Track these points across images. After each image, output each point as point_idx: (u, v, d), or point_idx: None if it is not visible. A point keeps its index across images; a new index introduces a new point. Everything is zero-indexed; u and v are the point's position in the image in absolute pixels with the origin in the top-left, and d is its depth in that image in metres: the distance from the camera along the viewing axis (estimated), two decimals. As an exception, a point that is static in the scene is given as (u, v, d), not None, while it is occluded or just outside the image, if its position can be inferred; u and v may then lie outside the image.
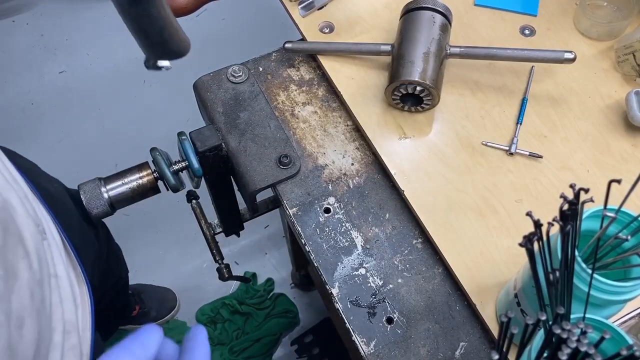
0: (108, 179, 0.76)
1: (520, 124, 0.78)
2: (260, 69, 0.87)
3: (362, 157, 0.79)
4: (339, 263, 0.71)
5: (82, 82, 1.94)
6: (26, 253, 0.50)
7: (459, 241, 0.70)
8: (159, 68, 0.56)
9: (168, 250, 1.65)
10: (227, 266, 0.92)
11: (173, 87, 1.90)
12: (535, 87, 0.82)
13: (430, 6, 0.79)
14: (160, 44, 0.53)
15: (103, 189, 0.75)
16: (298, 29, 0.89)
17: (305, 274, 1.49)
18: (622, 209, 0.50)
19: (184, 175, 0.80)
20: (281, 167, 0.76)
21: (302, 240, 0.72)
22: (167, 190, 0.79)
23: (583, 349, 0.41)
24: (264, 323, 1.48)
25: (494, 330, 0.65)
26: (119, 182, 0.76)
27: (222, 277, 0.92)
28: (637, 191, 0.47)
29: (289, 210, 0.74)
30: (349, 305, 0.68)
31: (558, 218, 0.46)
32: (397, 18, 0.83)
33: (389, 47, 0.81)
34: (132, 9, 0.49)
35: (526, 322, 0.42)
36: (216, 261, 0.92)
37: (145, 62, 0.56)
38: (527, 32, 0.87)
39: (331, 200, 0.75)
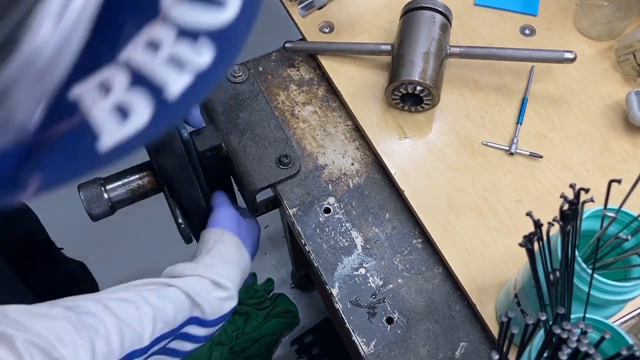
0: (108, 179, 0.76)
1: (520, 124, 0.78)
2: (260, 69, 0.87)
3: (362, 157, 0.79)
4: (339, 263, 0.71)
5: (82, 82, 1.94)
6: None
7: (459, 241, 0.70)
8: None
9: (168, 250, 1.64)
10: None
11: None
12: (535, 87, 0.82)
13: (430, 6, 0.79)
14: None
15: (103, 189, 0.75)
16: (298, 29, 0.89)
17: (305, 274, 1.49)
18: (622, 209, 0.50)
19: None
20: (281, 167, 0.76)
21: (302, 240, 0.72)
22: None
23: (583, 349, 0.41)
24: (263, 323, 1.48)
25: (494, 330, 0.65)
26: (119, 183, 0.76)
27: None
28: (637, 191, 0.47)
29: (289, 210, 0.74)
30: (349, 305, 0.68)
31: (558, 218, 0.46)
32: (397, 18, 0.83)
33: (389, 47, 0.81)
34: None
35: (526, 322, 0.42)
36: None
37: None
38: (527, 32, 0.87)
39: (331, 200, 0.75)
